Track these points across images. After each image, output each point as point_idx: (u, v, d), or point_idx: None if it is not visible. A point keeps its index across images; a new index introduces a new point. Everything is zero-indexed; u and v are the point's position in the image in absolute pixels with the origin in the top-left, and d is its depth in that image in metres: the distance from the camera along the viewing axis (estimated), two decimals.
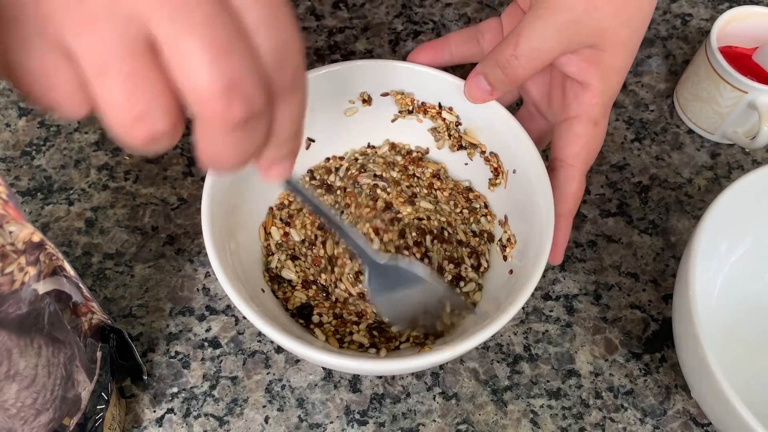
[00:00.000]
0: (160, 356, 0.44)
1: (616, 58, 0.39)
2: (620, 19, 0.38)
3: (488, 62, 0.40)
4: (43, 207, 0.49)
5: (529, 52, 0.38)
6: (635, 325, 0.46)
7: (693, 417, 0.43)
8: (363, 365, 0.34)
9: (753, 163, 0.54)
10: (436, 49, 0.45)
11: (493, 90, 0.41)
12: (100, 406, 0.36)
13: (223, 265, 0.36)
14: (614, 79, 0.40)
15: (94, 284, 0.46)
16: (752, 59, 0.52)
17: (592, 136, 0.41)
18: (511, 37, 0.39)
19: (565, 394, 0.43)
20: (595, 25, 0.37)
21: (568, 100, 0.41)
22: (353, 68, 0.44)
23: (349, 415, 0.42)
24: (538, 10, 0.38)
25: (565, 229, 0.41)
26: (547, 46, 0.38)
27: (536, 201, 0.40)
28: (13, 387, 0.30)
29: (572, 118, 0.41)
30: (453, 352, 0.34)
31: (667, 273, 0.48)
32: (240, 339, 0.45)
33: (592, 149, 0.41)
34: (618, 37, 0.38)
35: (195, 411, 0.42)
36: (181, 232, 0.48)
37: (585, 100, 0.40)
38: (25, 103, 0.54)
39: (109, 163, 0.51)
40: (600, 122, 0.41)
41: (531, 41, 0.38)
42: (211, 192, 0.38)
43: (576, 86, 0.40)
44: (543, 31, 0.38)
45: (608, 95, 0.40)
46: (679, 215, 0.51)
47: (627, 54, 0.40)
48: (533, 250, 0.39)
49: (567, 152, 0.41)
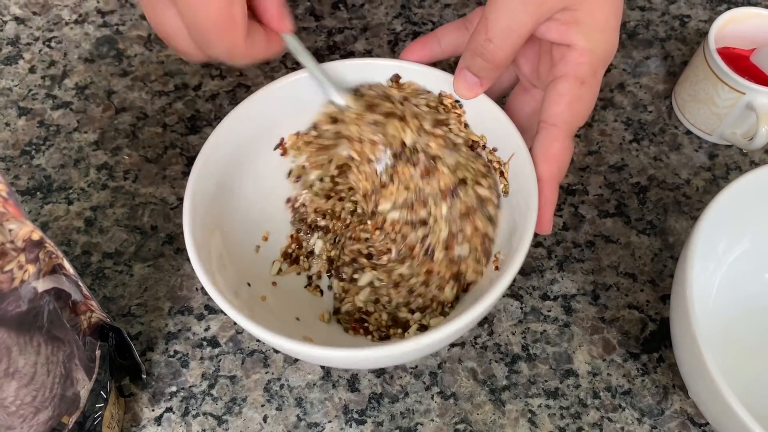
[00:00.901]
0: (159, 355, 0.44)
1: (594, 14, 0.37)
2: None
3: (467, 54, 0.39)
4: (42, 206, 0.49)
5: (500, 32, 0.37)
6: (633, 325, 0.46)
7: (690, 417, 0.43)
8: (352, 354, 0.34)
9: (751, 164, 0.54)
10: (424, 44, 0.45)
11: (482, 80, 0.40)
12: (98, 405, 0.36)
13: (204, 267, 0.36)
14: (599, 37, 0.38)
15: (93, 283, 0.46)
16: (750, 60, 0.52)
17: (578, 95, 0.38)
18: (481, 23, 0.38)
19: (563, 393, 0.44)
20: None
21: (554, 62, 0.40)
22: (339, 67, 0.44)
23: (348, 415, 0.42)
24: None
25: (549, 195, 0.39)
26: (517, 22, 0.37)
27: (522, 184, 0.40)
28: (12, 385, 0.30)
29: (557, 78, 0.39)
30: (441, 332, 0.33)
31: (665, 273, 0.48)
32: (239, 338, 0.45)
33: (577, 109, 0.39)
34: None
35: (194, 410, 0.42)
36: (180, 232, 0.49)
37: (571, 59, 0.38)
38: (25, 103, 0.54)
39: (109, 162, 0.51)
40: (588, 81, 0.38)
41: (499, 21, 0.37)
42: (193, 187, 0.38)
43: (562, 48, 0.39)
44: (508, 7, 0.37)
45: (597, 54, 0.38)
46: (677, 216, 0.51)
47: (606, 8, 0.38)
48: (518, 233, 0.38)
49: (550, 112, 0.39)
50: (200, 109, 0.54)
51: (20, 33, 0.57)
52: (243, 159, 0.43)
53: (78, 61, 0.56)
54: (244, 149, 0.43)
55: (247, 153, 0.43)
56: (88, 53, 0.57)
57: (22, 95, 0.54)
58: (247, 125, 0.42)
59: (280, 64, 0.57)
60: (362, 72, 0.44)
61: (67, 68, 0.56)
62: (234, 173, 0.42)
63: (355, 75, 0.44)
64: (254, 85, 0.56)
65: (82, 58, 0.56)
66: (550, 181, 0.38)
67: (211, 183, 0.40)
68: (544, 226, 0.39)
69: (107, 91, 0.55)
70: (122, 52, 0.57)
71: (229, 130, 0.41)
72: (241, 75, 0.56)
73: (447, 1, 0.62)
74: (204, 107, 0.54)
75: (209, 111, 0.54)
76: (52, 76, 0.55)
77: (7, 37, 0.57)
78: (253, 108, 0.42)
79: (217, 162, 0.41)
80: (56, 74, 0.55)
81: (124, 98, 0.54)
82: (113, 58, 0.56)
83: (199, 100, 0.55)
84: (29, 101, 0.54)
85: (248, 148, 0.43)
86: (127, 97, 0.54)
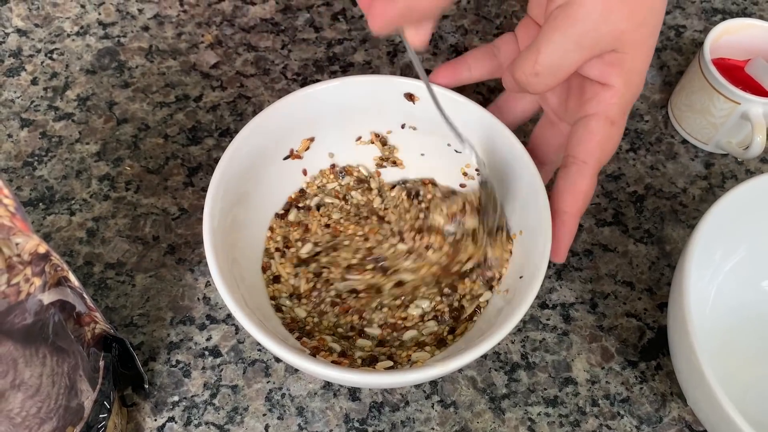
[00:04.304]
0: (161, 365, 0.44)
1: (637, 59, 0.38)
2: (637, 20, 0.37)
3: (509, 78, 0.39)
4: (44, 217, 0.49)
5: (549, 68, 0.37)
6: (631, 334, 0.47)
7: (689, 424, 0.43)
8: (361, 378, 0.35)
9: (746, 172, 0.55)
10: (455, 68, 0.45)
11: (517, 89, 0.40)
12: (102, 415, 0.37)
13: (226, 281, 0.37)
14: (635, 80, 0.39)
15: (95, 294, 0.47)
16: (745, 71, 0.53)
17: (608, 134, 0.40)
18: (531, 53, 0.38)
19: (562, 401, 0.44)
20: (613, 29, 0.37)
21: (585, 98, 0.40)
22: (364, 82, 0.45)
23: (349, 424, 0.43)
24: (555, 21, 0.37)
25: (570, 227, 0.40)
26: (567, 60, 0.37)
27: (536, 223, 0.41)
28: (18, 396, 0.30)
29: (589, 116, 0.40)
30: (446, 367, 0.35)
31: (662, 282, 0.49)
32: (240, 348, 0.45)
33: (606, 148, 0.40)
34: (636, 38, 0.37)
35: (196, 419, 0.42)
36: (182, 242, 0.49)
37: (604, 99, 0.39)
38: (27, 114, 0.54)
39: (110, 173, 0.52)
40: (617, 122, 0.40)
41: (551, 56, 0.37)
42: (212, 206, 0.39)
43: (596, 86, 0.40)
44: (562, 44, 0.37)
45: (628, 97, 0.39)
46: (674, 224, 0.51)
47: (646, 53, 0.39)
48: (529, 272, 0.39)
49: (580, 149, 0.40)
50: (201, 120, 0.55)
51: (22, 45, 0.58)
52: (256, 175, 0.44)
53: (80, 73, 0.57)
54: (259, 160, 0.44)
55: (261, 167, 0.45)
56: (89, 65, 0.57)
57: (24, 107, 0.55)
58: (264, 135, 0.44)
59: (280, 75, 0.58)
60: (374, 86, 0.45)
61: (69, 80, 0.56)
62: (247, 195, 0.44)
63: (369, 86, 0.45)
64: (254, 96, 0.56)
65: (83, 70, 0.57)
66: (575, 216, 0.40)
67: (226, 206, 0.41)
68: (560, 255, 0.40)
69: (109, 103, 0.55)
70: (123, 63, 0.57)
71: (245, 141, 0.42)
72: (241, 86, 0.57)
73: (444, 13, 0.63)
74: (205, 118, 0.55)
75: (210, 122, 0.54)
76: (54, 88, 0.56)
77: (10, 49, 0.57)
78: (270, 118, 0.43)
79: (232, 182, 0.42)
80: (58, 86, 0.56)
81: (126, 109, 0.55)
82: (115, 70, 0.57)
83: (200, 111, 0.55)
84: (31, 113, 0.54)
85: (262, 161, 0.44)
86: (128, 109, 0.55)
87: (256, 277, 0.44)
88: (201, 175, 0.52)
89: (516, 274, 0.41)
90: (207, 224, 0.38)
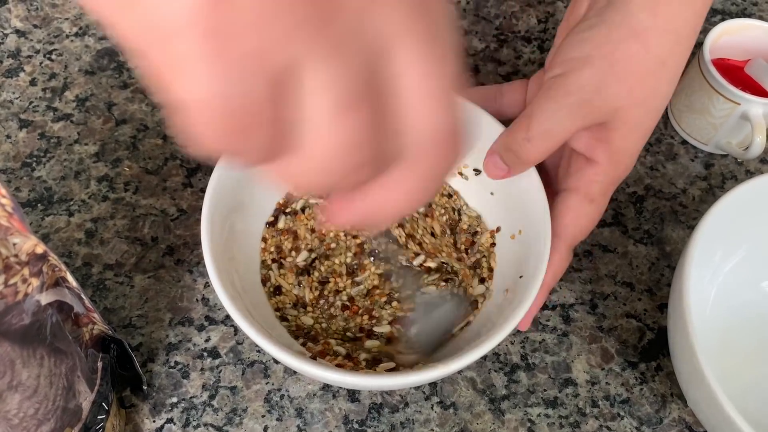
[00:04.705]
0: (160, 366, 0.44)
1: (627, 139, 0.38)
2: (634, 99, 0.36)
3: (501, 145, 0.39)
4: (43, 218, 0.49)
5: (540, 135, 0.37)
6: (631, 334, 0.46)
7: (689, 425, 0.43)
8: (361, 381, 0.35)
9: (746, 173, 0.54)
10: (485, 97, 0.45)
11: (510, 170, 0.40)
12: (100, 417, 0.37)
13: (222, 282, 0.36)
14: (624, 161, 0.39)
15: (94, 295, 0.46)
16: (744, 71, 0.53)
17: (585, 212, 0.39)
18: (523, 120, 0.38)
19: (562, 402, 0.44)
20: (606, 104, 0.36)
21: (571, 170, 0.40)
22: None
23: (348, 425, 0.42)
24: (549, 90, 0.37)
25: (539, 299, 0.39)
26: (559, 128, 0.37)
27: (535, 222, 0.40)
28: (15, 397, 0.30)
29: (569, 190, 0.40)
30: (446, 368, 0.34)
31: (662, 282, 0.49)
32: (239, 349, 0.45)
33: (581, 225, 0.40)
34: (630, 117, 0.37)
35: (194, 421, 0.42)
36: (181, 243, 0.49)
37: (585, 175, 0.39)
38: (26, 115, 0.54)
39: (109, 174, 0.52)
40: (597, 200, 0.39)
41: (542, 123, 0.37)
42: (210, 206, 0.39)
43: (581, 160, 0.39)
44: (555, 112, 0.37)
45: (612, 176, 0.39)
46: (674, 225, 0.51)
47: (639, 135, 0.38)
48: (529, 272, 0.39)
49: (555, 223, 0.39)
50: None
51: (21, 46, 0.58)
52: None
53: (78, 74, 0.56)
54: None
55: None
56: (88, 65, 0.57)
57: (23, 108, 0.54)
58: None
59: None
60: None
61: (68, 80, 0.56)
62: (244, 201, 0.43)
63: None
64: None
65: (82, 71, 0.57)
66: (543, 288, 0.39)
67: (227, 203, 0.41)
68: (525, 324, 0.41)
69: (108, 103, 0.55)
70: (122, 64, 0.57)
71: None
72: None
73: None
74: None
75: None
76: (52, 89, 0.56)
77: (8, 50, 0.57)
78: None
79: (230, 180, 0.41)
80: (57, 86, 0.56)
81: (125, 110, 0.55)
82: (113, 71, 0.57)
83: None
84: (30, 113, 0.54)
85: None
86: (127, 109, 0.55)
87: (257, 290, 0.43)
88: (200, 175, 0.52)
89: (516, 274, 0.41)
90: (206, 236, 0.38)
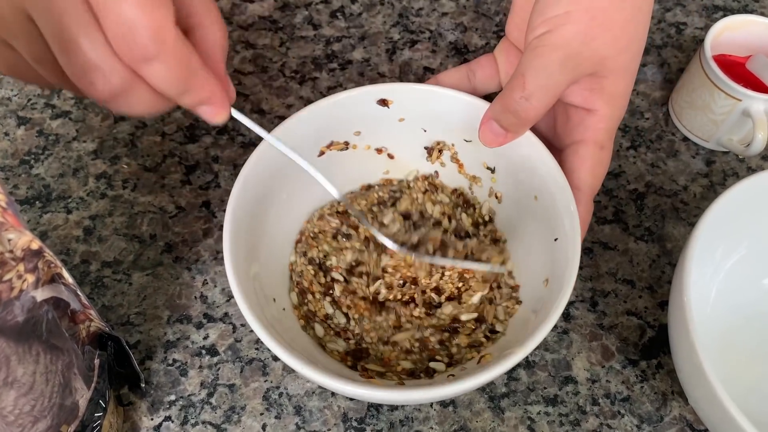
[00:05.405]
0: (158, 364, 0.44)
1: (618, 84, 0.39)
2: (619, 46, 0.38)
3: (497, 108, 0.39)
4: (41, 215, 0.49)
5: (538, 90, 0.38)
6: (632, 332, 0.46)
7: (690, 423, 0.43)
8: (382, 395, 0.34)
9: (748, 170, 0.54)
10: None
11: (508, 133, 0.40)
12: (97, 414, 0.36)
13: (244, 292, 0.36)
14: (619, 103, 0.40)
15: (92, 292, 0.46)
16: (746, 67, 0.53)
17: (599, 159, 0.41)
18: (516, 80, 0.38)
19: (562, 400, 0.43)
20: (594, 55, 0.37)
21: (572, 124, 0.41)
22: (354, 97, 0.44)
23: (347, 423, 0.42)
24: (536, 49, 0.37)
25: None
26: (553, 81, 0.38)
27: (549, 183, 0.40)
28: (11, 394, 0.30)
29: (578, 142, 0.41)
30: (477, 380, 0.34)
31: (663, 280, 0.48)
32: (237, 347, 0.45)
33: (598, 173, 0.41)
34: (618, 63, 0.38)
35: (192, 419, 0.42)
36: (179, 240, 0.49)
37: (591, 124, 0.40)
38: (24, 113, 0.54)
39: (108, 171, 0.51)
40: (606, 146, 0.41)
41: (537, 79, 0.37)
42: (234, 211, 0.38)
43: (581, 112, 0.40)
44: (546, 68, 0.37)
45: (614, 120, 0.40)
46: (675, 222, 0.51)
47: (628, 78, 0.40)
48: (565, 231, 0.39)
49: (573, 176, 0.41)
50: (198, 118, 0.54)
51: None
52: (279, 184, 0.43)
53: None
54: (284, 170, 0.43)
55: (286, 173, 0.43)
56: None
57: (21, 105, 0.54)
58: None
59: (279, 72, 0.57)
60: None
61: None
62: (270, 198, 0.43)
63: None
64: (252, 94, 0.56)
65: None
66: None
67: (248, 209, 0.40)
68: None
69: None
70: None
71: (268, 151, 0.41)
72: (239, 84, 0.56)
73: (444, 10, 0.63)
74: None
75: None
76: None
77: None
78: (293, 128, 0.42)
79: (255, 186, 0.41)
80: None
81: None
82: None
83: None
84: (28, 111, 0.54)
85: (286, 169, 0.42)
86: None
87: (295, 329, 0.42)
88: (198, 173, 0.52)
89: (541, 284, 0.40)
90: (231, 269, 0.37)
